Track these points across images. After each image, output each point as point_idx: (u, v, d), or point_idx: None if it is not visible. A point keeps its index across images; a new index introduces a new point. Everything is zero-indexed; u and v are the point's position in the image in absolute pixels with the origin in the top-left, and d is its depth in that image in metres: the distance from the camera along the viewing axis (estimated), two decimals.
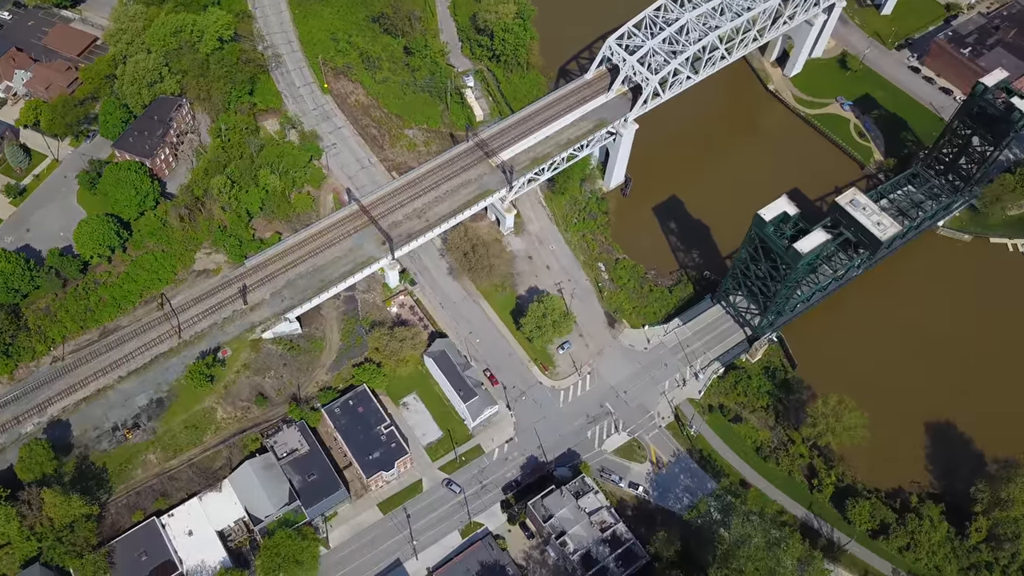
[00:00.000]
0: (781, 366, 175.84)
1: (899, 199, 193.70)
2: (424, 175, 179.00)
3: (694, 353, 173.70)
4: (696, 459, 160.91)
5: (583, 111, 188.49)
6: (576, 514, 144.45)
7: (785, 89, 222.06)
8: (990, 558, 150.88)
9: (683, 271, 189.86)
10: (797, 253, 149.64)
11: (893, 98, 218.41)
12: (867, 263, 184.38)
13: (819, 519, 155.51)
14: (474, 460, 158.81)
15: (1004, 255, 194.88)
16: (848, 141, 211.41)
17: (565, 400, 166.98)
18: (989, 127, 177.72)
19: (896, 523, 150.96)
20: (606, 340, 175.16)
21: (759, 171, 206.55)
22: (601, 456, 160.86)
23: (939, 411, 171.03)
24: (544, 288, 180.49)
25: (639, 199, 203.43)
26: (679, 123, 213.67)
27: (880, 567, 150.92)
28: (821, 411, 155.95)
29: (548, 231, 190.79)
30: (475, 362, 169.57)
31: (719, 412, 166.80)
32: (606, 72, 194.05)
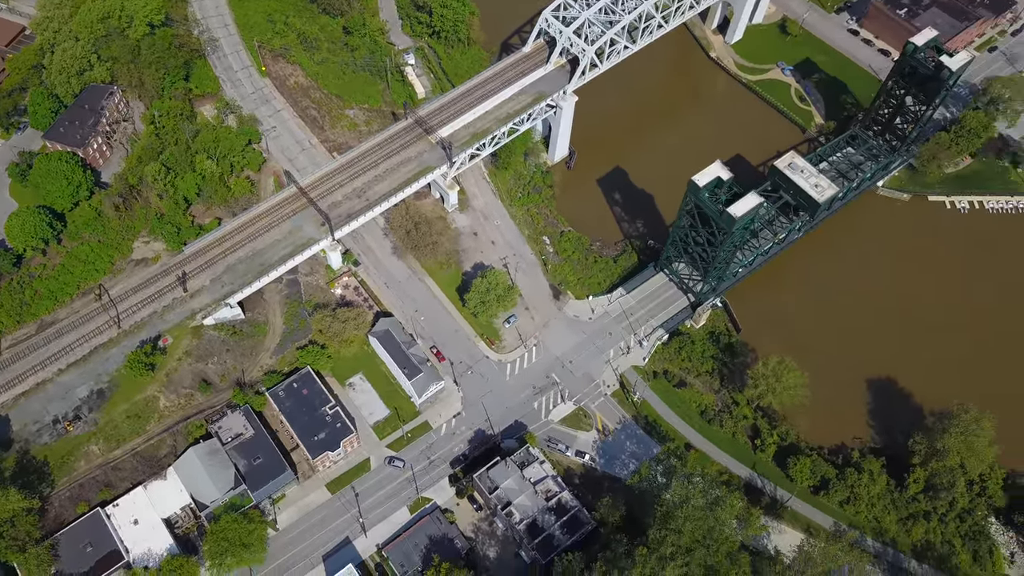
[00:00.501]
0: (726, 330, 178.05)
1: (838, 161, 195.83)
2: (363, 154, 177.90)
3: (638, 321, 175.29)
4: (642, 425, 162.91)
5: (522, 84, 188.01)
6: (521, 484, 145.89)
7: (727, 56, 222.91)
8: (928, 507, 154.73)
9: (627, 241, 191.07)
10: (731, 217, 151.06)
11: (833, 62, 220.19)
12: (808, 225, 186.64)
13: (762, 478, 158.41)
14: (422, 436, 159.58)
15: (942, 212, 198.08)
16: (789, 106, 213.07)
17: (512, 373, 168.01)
18: (921, 86, 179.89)
19: (836, 478, 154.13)
20: (551, 312, 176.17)
21: (702, 139, 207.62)
22: (548, 426, 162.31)
23: (880, 368, 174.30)
24: (490, 263, 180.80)
25: (584, 171, 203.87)
26: (622, 94, 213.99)
27: (822, 521, 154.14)
28: (761, 372, 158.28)
29: (493, 206, 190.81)
30: (421, 340, 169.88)
31: (664, 378, 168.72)
32: (544, 45, 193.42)
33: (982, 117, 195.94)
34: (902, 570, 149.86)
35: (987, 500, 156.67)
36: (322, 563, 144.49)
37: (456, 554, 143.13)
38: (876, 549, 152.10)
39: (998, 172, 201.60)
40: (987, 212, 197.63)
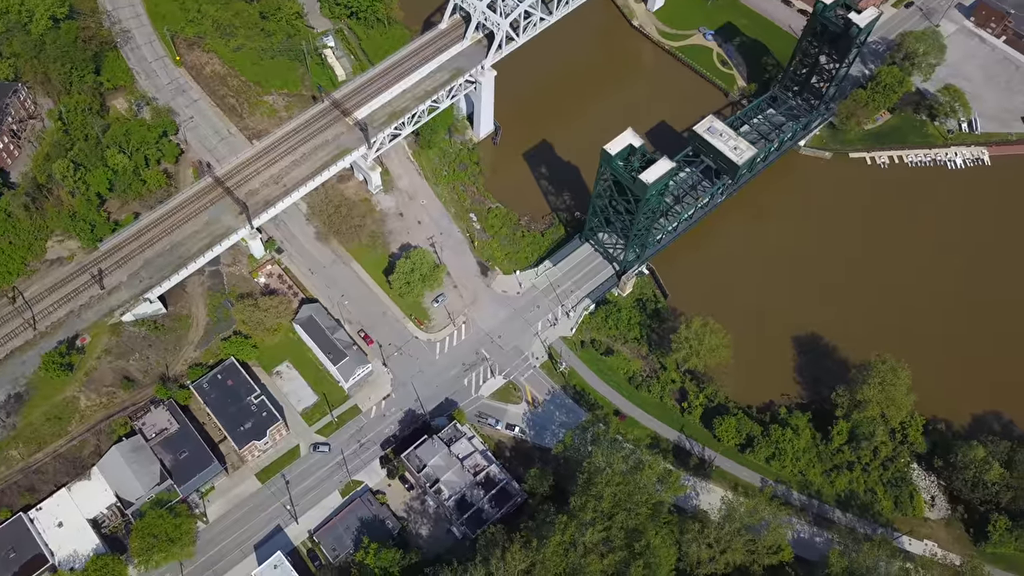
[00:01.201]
0: (653, 297, 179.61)
1: (760, 123, 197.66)
2: (280, 140, 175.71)
3: (565, 292, 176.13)
4: (570, 395, 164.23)
5: (439, 61, 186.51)
6: (448, 461, 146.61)
7: (649, 24, 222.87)
8: (852, 457, 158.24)
9: (555, 214, 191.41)
10: (643, 184, 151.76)
11: (754, 24, 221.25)
12: (730, 188, 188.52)
13: (691, 440, 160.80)
14: (352, 420, 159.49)
15: (863, 168, 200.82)
16: (712, 70, 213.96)
17: (441, 352, 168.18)
18: (833, 44, 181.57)
19: (761, 435, 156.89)
20: (480, 289, 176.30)
21: (627, 107, 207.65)
22: (479, 402, 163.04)
23: (806, 325, 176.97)
24: (416, 243, 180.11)
25: (510, 146, 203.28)
26: (547, 66, 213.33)
27: (749, 478, 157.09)
28: (684, 335, 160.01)
29: (418, 186, 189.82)
30: (349, 324, 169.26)
31: (591, 347, 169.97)
32: (461, 20, 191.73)
33: (897, 72, 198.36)
34: (827, 520, 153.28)
35: (909, 447, 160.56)
36: (253, 552, 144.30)
37: (387, 534, 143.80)
38: (802, 502, 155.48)
39: (916, 126, 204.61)
40: (907, 166, 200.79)
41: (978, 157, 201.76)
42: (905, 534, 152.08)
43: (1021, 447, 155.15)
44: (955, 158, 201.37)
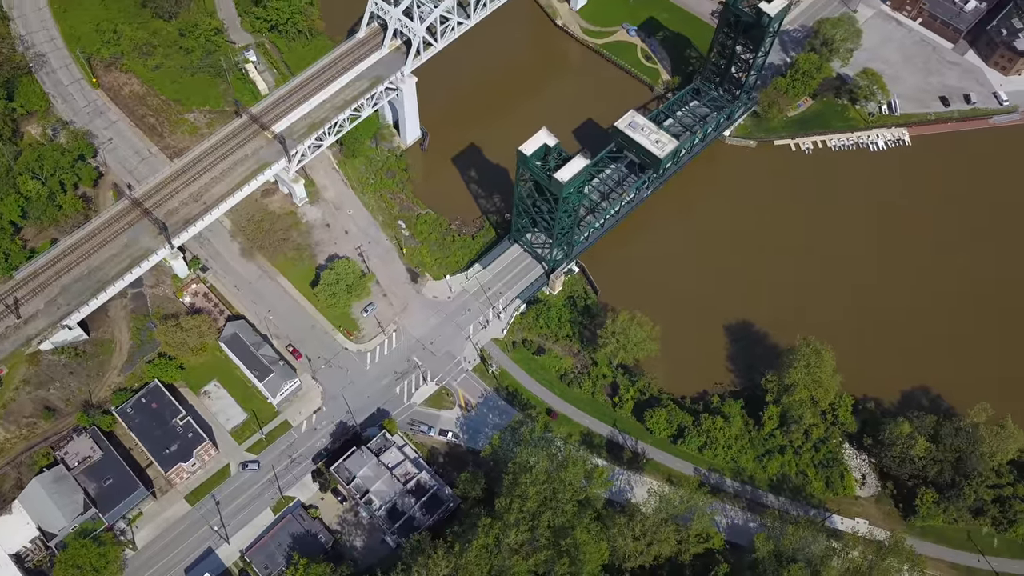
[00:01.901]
0: (584, 293, 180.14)
1: (684, 115, 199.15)
2: (198, 157, 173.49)
3: (496, 294, 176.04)
4: (503, 396, 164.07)
5: (358, 70, 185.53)
6: (377, 471, 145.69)
7: (573, 22, 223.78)
8: (784, 441, 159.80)
9: (485, 216, 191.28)
10: (559, 182, 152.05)
11: (676, 18, 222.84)
12: (656, 182, 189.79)
13: (623, 434, 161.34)
14: (282, 436, 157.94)
15: (788, 155, 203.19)
16: (636, 65, 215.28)
17: (372, 361, 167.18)
18: (747, 34, 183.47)
19: (692, 425, 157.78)
20: (410, 296, 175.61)
21: (555, 106, 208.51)
22: (411, 409, 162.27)
23: (737, 312, 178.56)
24: (344, 254, 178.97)
25: (439, 151, 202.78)
26: (473, 70, 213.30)
27: (682, 468, 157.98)
28: (611, 330, 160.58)
29: (345, 196, 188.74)
30: (276, 339, 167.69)
31: (523, 347, 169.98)
32: (379, 28, 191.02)
33: (815, 59, 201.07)
34: (761, 505, 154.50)
35: (840, 427, 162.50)
36: None
37: (320, 548, 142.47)
38: (736, 488, 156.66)
39: (838, 110, 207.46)
40: (830, 150, 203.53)
41: (899, 138, 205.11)
42: (837, 513, 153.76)
43: (946, 420, 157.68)
44: (877, 140, 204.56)
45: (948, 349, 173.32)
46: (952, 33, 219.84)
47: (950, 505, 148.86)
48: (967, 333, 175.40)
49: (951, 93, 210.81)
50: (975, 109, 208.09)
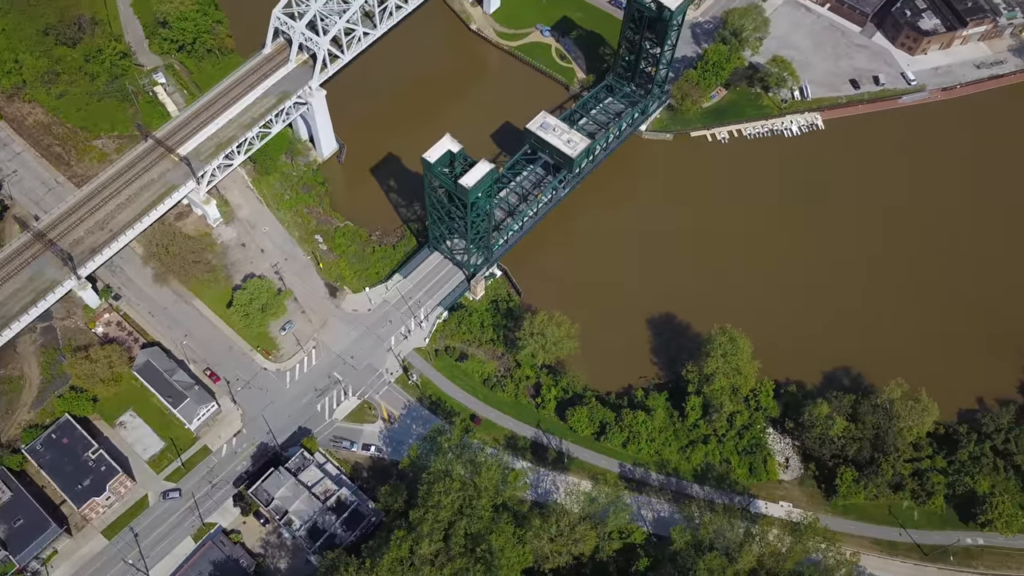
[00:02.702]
0: (507, 296, 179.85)
1: (598, 113, 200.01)
2: (103, 185, 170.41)
3: (418, 303, 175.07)
4: (426, 405, 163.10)
5: (265, 87, 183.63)
6: (296, 490, 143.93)
7: (487, 26, 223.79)
8: (708, 431, 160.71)
9: (406, 225, 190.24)
10: (464, 188, 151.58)
11: (588, 16, 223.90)
12: (574, 181, 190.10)
13: (547, 434, 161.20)
14: (202, 461, 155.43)
15: (704, 146, 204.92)
16: (552, 66, 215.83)
17: (292, 380, 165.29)
18: (652, 28, 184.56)
19: (614, 421, 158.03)
20: (329, 311, 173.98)
21: (472, 111, 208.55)
22: (333, 426, 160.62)
23: (660, 305, 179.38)
24: (261, 272, 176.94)
25: (358, 163, 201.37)
26: (390, 79, 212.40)
27: (607, 465, 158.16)
28: (528, 331, 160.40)
29: (260, 214, 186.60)
30: (194, 363, 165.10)
31: (446, 354, 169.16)
32: (285, 43, 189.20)
33: (723, 50, 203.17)
34: (687, 496, 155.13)
35: (764, 413, 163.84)
36: None
37: (242, 574, 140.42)
38: (661, 481, 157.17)
39: (752, 99, 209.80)
40: (746, 138, 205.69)
41: (812, 123, 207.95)
42: (761, 499, 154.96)
43: (864, 398, 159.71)
44: (791, 126, 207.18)
45: (867, 327, 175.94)
46: (859, 17, 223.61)
47: (869, 482, 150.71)
48: (884, 310, 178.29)
49: (861, 76, 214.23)
50: (884, 90, 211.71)
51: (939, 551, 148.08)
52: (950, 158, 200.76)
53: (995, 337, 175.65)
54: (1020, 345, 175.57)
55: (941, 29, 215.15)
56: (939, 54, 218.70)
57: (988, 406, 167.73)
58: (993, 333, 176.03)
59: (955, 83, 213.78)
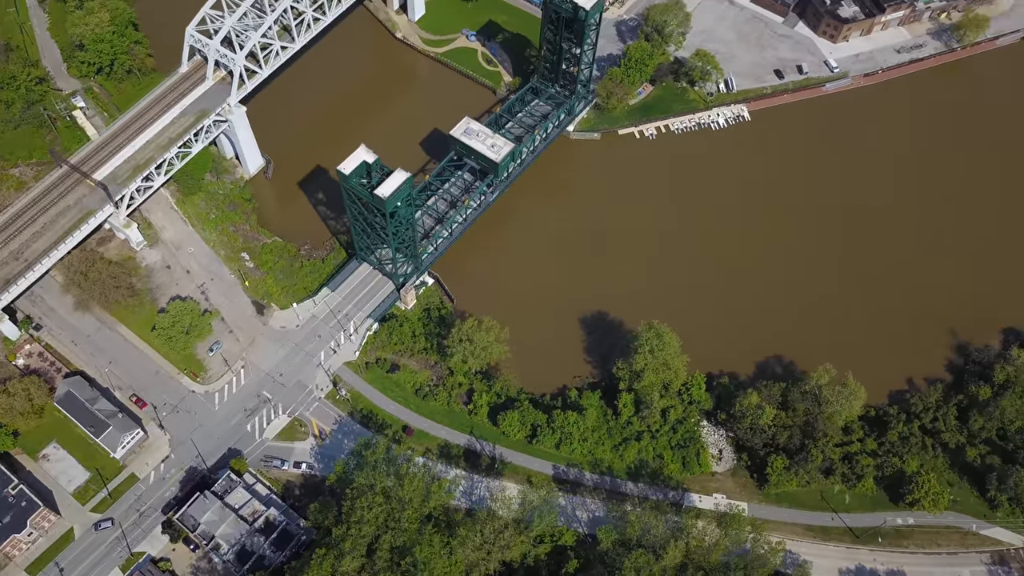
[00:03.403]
0: (440, 304, 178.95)
1: (524, 116, 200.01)
2: (16, 214, 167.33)
3: (347, 316, 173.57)
4: (358, 419, 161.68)
5: (183, 106, 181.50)
6: (222, 514, 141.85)
7: (413, 34, 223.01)
8: (642, 427, 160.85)
9: (336, 238, 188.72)
10: (380, 198, 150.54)
11: (514, 19, 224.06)
12: (502, 185, 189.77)
13: (480, 440, 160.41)
14: (129, 490, 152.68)
15: (633, 143, 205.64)
16: (478, 70, 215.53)
17: (221, 401, 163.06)
18: (569, 29, 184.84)
19: (545, 423, 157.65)
20: (257, 329, 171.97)
21: (401, 120, 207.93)
22: (264, 445, 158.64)
23: (592, 303, 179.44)
24: (187, 294, 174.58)
25: (286, 178, 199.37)
26: (318, 91, 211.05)
27: (541, 468, 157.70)
28: (456, 338, 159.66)
29: (185, 234, 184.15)
30: (119, 390, 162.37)
31: (376, 366, 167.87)
32: (203, 61, 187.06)
33: (646, 46, 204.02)
34: (620, 494, 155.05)
35: (697, 406, 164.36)
36: None
37: None
38: (594, 481, 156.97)
39: (678, 94, 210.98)
40: (674, 133, 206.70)
41: (739, 114, 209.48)
42: (695, 492, 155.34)
43: (794, 386, 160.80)
44: (718, 119, 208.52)
45: (798, 315, 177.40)
46: (781, 7, 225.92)
47: (800, 469, 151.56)
48: (815, 297, 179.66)
49: (785, 66, 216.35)
50: (808, 79, 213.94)
51: (869, 533, 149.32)
52: (873, 143, 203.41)
53: (924, 317, 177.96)
54: (948, 324, 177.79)
55: (860, 16, 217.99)
56: (860, 40, 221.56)
57: (918, 386, 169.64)
58: (922, 313, 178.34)
59: (877, 68, 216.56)
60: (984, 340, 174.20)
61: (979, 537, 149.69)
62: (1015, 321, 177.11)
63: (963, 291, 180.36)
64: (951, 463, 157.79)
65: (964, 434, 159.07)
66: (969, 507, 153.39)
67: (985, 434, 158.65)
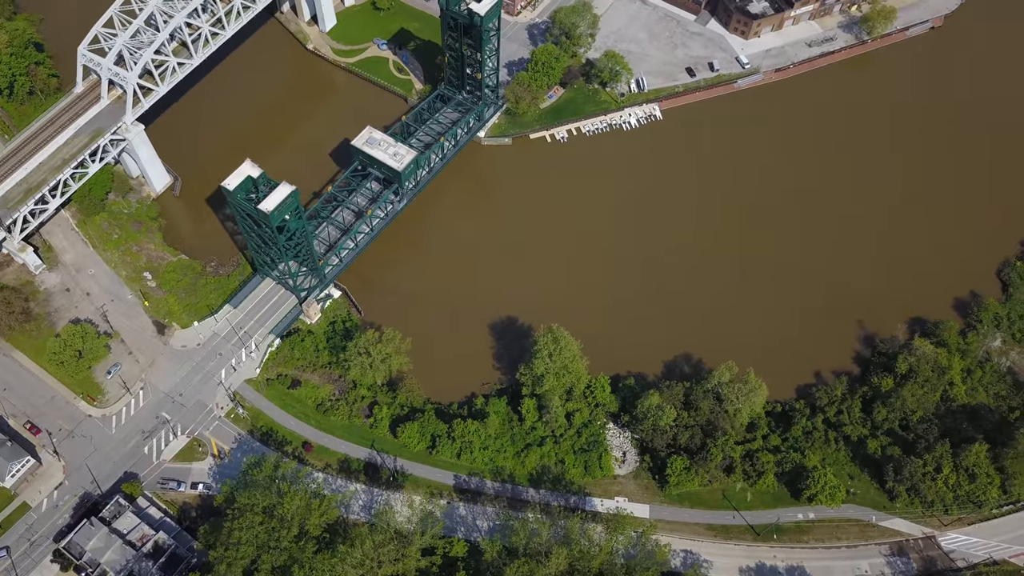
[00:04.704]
0: (347, 316, 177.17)
1: (434, 123, 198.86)
2: None
3: (249, 332, 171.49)
4: (258, 437, 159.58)
5: (76, 126, 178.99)
6: (108, 540, 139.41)
7: (323, 45, 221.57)
8: (546, 432, 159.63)
9: (242, 253, 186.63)
10: (264, 213, 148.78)
11: (425, 27, 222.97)
12: (410, 193, 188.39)
13: (381, 453, 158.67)
14: (20, 519, 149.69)
15: (544, 147, 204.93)
16: (389, 79, 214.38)
17: (118, 424, 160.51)
18: (468, 35, 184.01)
19: (444, 434, 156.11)
20: (157, 349, 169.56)
21: (312, 131, 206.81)
22: (161, 467, 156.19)
23: (501, 310, 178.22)
24: (87, 317, 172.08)
25: (194, 195, 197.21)
26: (228, 106, 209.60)
27: (442, 479, 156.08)
28: (354, 352, 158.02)
29: (86, 256, 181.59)
30: (13, 418, 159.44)
31: (277, 382, 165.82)
32: (98, 80, 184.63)
33: (553, 49, 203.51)
34: (522, 502, 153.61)
35: (603, 408, 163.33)
36: None
37: None
38: (496, 489, 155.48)
39: (590, 96, 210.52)
40: (585, 135, 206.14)
41: (650, 114, 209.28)
42: (597, 496, 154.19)
43: (697, 385, 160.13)
44: (629, 119, 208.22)
45: (707, 314, 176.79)
46: (693, 5, 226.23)
47: (700, 468, 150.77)
48: (723, 295, 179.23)
49: (696, 63, 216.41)
50: (719, 76, 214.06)
51: (768, 530, 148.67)
52: (781, 138, 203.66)
53: (833, 311, 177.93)
54: (857, 316, 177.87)
55: (770, 11, 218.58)
56: (772, 36, 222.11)
57: (827, 380, 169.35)
58: (831, 307, 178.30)
59: (788, 63, 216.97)
60: (891, 331, 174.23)
61: (879, 529, 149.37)
62: (921, 311, 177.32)
63: (871, 283, 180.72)
64: (853, 455, 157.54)
65: (868, 426, 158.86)
66: (869, 499, 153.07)
67: (887, 425, 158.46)
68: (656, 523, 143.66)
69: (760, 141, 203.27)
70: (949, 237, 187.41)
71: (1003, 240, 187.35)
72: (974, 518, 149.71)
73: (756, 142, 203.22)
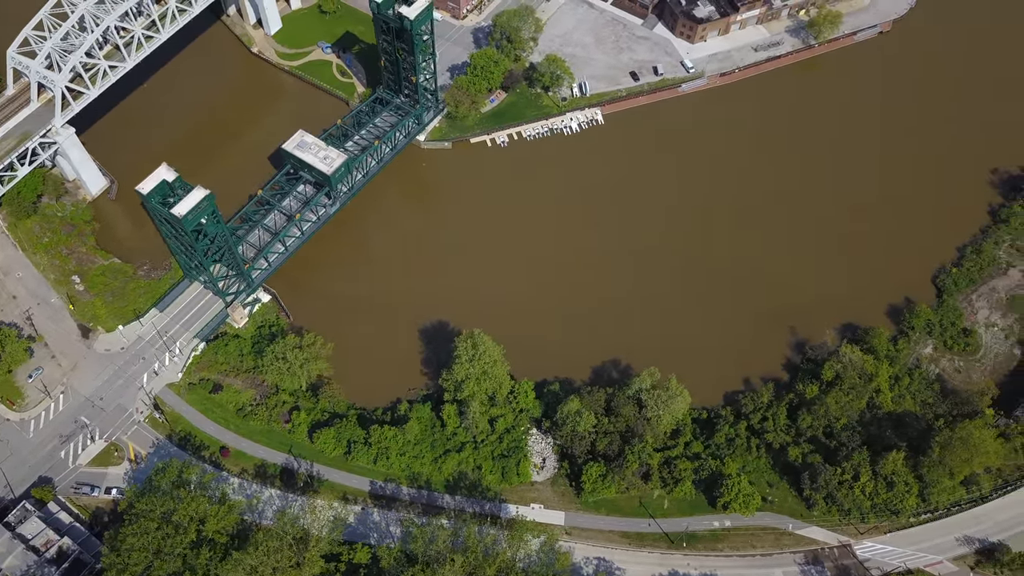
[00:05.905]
0: (276, 320, 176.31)
1: (373, 126, 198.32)
2: None
3: (174, 337, 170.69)
4: (176, 441, 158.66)
5: (5, 129, 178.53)
6: (10, 545, 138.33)
7: (268, 48, 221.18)
8: (467, 438, 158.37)
9: (175, 257, 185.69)
10: (177, 217, 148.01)
11: (371, 31, 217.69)
12: (344, 197, 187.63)
13: (298, 459, 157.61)
14: None
15: (484, 152, 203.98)
16: (332, 82, 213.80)
17: (36, 428, 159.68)
18: (400, 39, 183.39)
19: (362, 440, 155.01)
20: (80, 353, 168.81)
21: (254, 135, 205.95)
22: (77, 471, 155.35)
23: (430, 314, 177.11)
24: (12, 321, 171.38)
25: (131, 198, 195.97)
26: (171, 109, 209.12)
27: (358, 485, 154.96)
28: (271, 357, 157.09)
29: (14, 259, 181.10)
30: None
31: (199, 387, 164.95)
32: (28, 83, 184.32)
33: (492, 53, 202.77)
34: (438, 508, 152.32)
35: (527, 414, 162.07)
36: None
37: None
38: (411, 495, 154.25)
39: (532, 100, 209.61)
40: (526, 140, 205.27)
41: (592, 118, 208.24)
42: (513, 503, 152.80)
43: (619, 391, 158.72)
44: (571, 123, 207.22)
45: (636, 319, 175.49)
46: (640, 9, 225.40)
47: (616, 475, 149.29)
48: (653, 300, 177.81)
49: (641, 67, 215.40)
50: (663, 80, 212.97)
51: (681, 538, 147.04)
52: (720, 143, 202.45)
53: (764, 317, 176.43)
54: (789, 322, 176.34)
55: (716, 16, 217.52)
56: (719, 40, 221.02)
57: (755, 386, 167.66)
58: (763, 313, 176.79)
59: (733, 68, 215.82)
60: (821, 337, 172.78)
61: (794, 537, 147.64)
62: (855, 317, 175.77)
63: (806, 289, 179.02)
64: (774, 463, 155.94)
65: (792, 433, 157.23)
66: (788, 507, 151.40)
67: (811, 432, 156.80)
68: (571, 529, 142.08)
69: (701, 145, 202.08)
70: (887, 243, 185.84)
71: (940, 246, 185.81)
72: (892, 526, 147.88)
73: (697, 146, 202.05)
